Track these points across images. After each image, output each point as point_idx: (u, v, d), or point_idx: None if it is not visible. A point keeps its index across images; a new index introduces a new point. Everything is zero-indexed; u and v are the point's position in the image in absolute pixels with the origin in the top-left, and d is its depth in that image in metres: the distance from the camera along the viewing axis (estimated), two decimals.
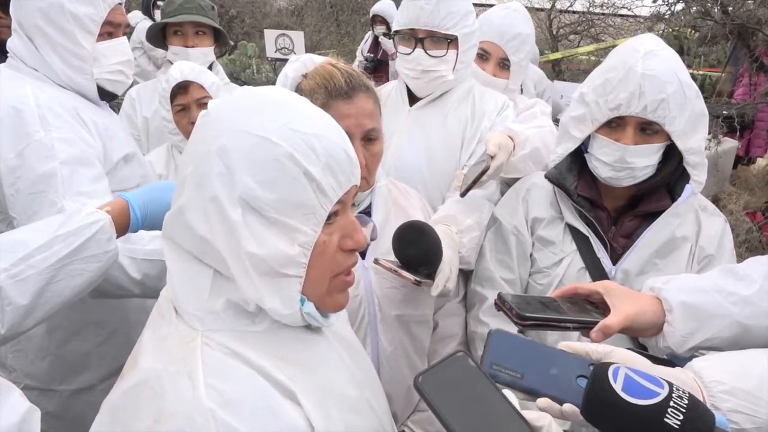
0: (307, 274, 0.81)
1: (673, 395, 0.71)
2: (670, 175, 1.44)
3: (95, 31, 1.57)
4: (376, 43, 5.64)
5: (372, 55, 5.53)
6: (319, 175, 0.78)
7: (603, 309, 1.08)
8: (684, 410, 0.69)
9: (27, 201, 1.41)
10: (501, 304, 1.07)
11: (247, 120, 0.79)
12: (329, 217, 0.81)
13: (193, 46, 2.55)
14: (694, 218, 1.49)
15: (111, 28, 1.62)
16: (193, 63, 2.20)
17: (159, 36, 2.63)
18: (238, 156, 0.77)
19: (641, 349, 1.33)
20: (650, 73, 1.32)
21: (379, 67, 5.37)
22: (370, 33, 5.75)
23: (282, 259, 0.78)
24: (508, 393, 0.72)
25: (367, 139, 1.33)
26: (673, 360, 1.08)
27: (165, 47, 2.64)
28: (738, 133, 5.18)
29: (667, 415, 0.69)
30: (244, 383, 0.78)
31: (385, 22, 5.37)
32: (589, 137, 1.45)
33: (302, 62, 1.37)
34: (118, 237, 1.27)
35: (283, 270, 0.79)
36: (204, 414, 0.72)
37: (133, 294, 1.43)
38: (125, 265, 1.36)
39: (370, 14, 5.65)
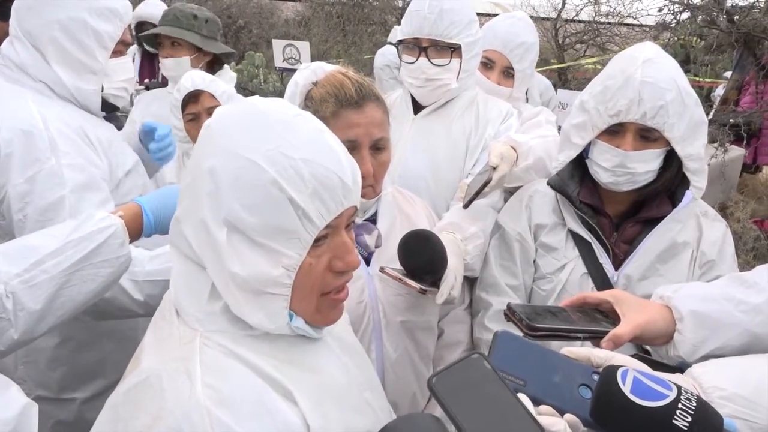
0: (293, 292, 0.82)
1: (682, 397, 0.71)
2: (671, 181, 1.45)
3: (111, 48, 1.61)
4: (150, 63, 4.01)
5: (154, 80, 3.82)
6: (305, 202, 0.78)
7: (613, 318, 1.07)
8: (692, 412, 0.69)
9: (35, 227, 1.39)
10: (511, 315, 1.06)
11: (239, 140, 0.80)
12: (317, 240, 0.82)
13: (168, 57, 2.58)
14: (696, 224, 1.49)
15: (121, 47, 1.66)
16: (203, 72, 2.22)
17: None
18: (226, 178, 0.78)
19: (644, 353, 1.33)
20: (649, 80, 1.33)
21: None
22: (136, 49, 3.98)
23: (265, 280, 0.80)
24: (523, 397, 0.71)
25: (376, 148, 1.34)
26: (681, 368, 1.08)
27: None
28: (745, 142, 5.16)
29: (675, 417, 0.69)
30: (240, 382, 0.80)
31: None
32: (590, 144, 1.46)
33: (312, 70, 1.38)
34: (132, 241, 1.27)
35: (267, 289, 0.81)
36: (200, 412, 0.75)
37: (138, 314, 1.41)
38: (127, 287, 1.35)
39: (134, 21, 3.70)
